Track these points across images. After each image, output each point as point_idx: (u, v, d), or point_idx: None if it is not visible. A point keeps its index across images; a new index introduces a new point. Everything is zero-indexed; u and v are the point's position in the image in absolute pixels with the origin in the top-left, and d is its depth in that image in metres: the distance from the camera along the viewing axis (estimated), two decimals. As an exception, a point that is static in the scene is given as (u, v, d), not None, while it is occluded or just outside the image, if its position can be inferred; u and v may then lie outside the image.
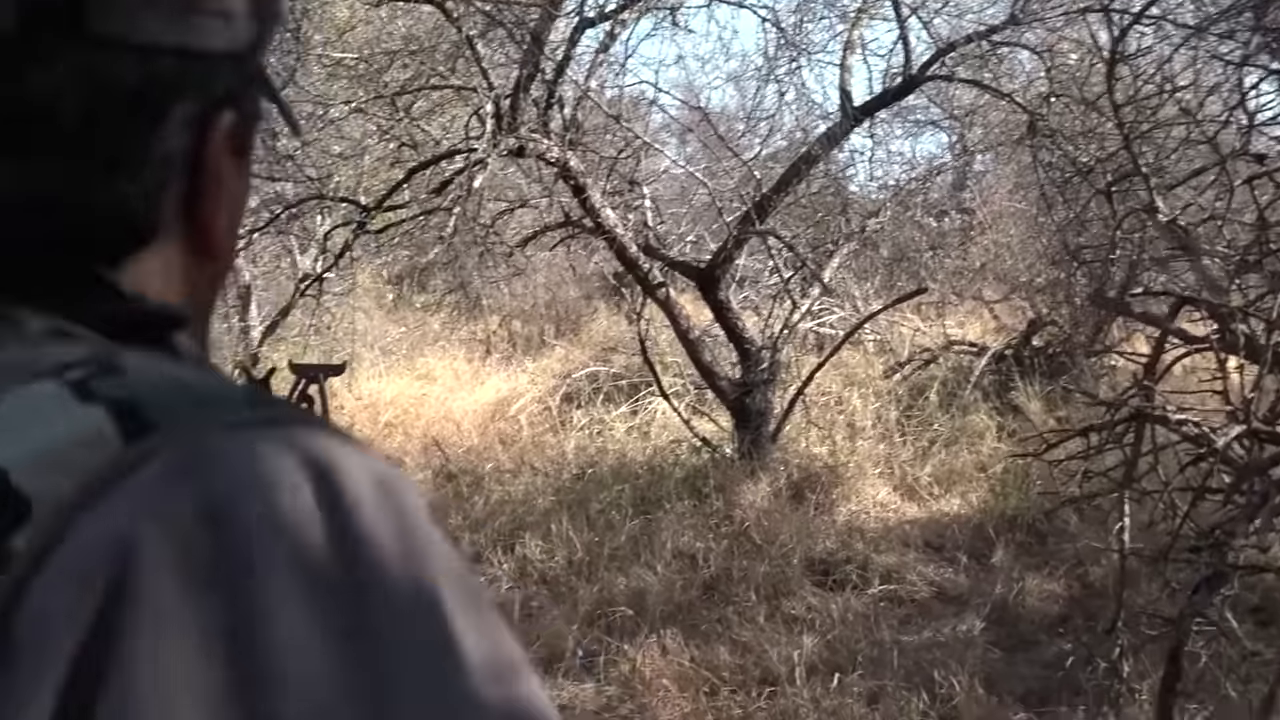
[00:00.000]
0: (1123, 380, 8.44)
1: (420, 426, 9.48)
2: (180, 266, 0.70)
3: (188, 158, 0.68)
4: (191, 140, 0.68)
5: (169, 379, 0.61)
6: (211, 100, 0.69)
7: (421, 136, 7.16)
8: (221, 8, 0.68)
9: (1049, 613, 5.85)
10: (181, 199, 0.69)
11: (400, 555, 0.55)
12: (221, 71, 0.69)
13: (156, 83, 0.65)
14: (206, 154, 0.69)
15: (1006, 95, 7.25)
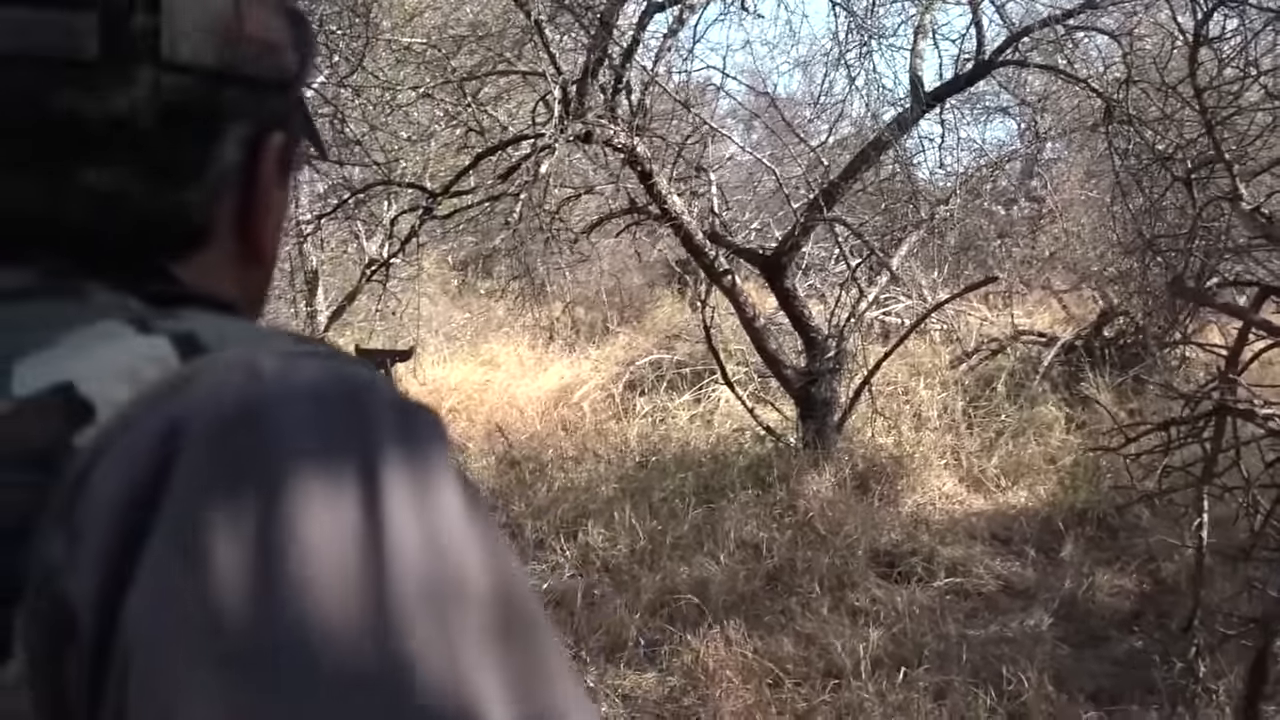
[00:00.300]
0: (1198, 373, 8.29)
1: (484, 413, 9.50)
2: (231, 268, 0.79)
3: (242, 173, 0.78)
4: (245, 157, 0.78)
5: (221, 321, 0.69)
6: (263, 122, 0.79)
7: (488, 122, 7.14)
8: (273, 41, 0.78)
9: (1120, 609, 5.74)
10: (235, 209, 0.78)
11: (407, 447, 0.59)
12: (272, 97, 0.79)
13: (218, 105, 0.75)
14: (259, 170, 0.79)
15: (1082, 81, 7.10)
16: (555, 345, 12.39)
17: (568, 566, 6.27)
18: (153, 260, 0.75)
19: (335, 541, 0.54)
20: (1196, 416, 3.33)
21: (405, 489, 0.57)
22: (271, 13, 0.79)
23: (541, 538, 6.58)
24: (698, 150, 7.75)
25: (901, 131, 7.50)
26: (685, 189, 7.64)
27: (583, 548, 6.42)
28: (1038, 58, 7.54)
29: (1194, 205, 4.47)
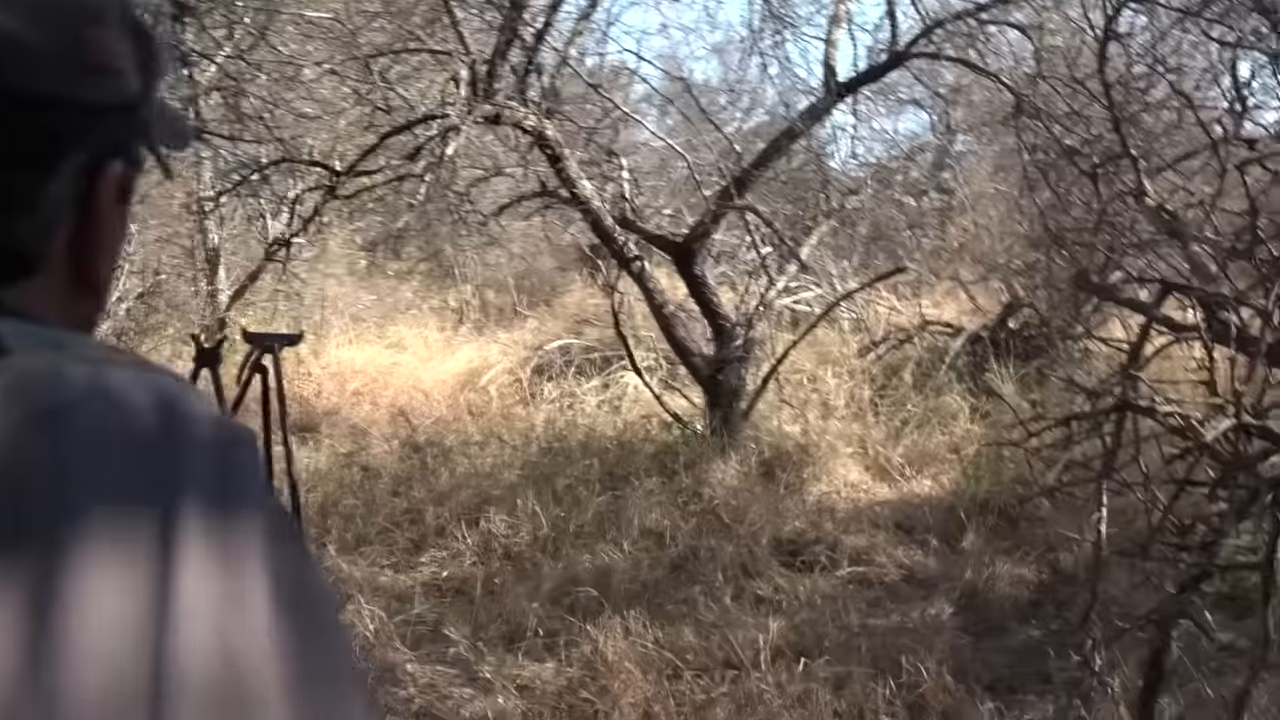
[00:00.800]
0: (1101, 365, 8.40)
1: (388, 396, 9.36)
2: (62, 297, 0.75)
3: (77, 202, 0.74)
4: (82, 187, 0.74)
5: (31, 328, 0.67)
6: (102, 150, 0.75)
7: (396, 101, 6.98)
8: (112, 64, 0.74)
9: (1019, 598, 5.78)
10: (69, 238, 0.75)
11: (215, 488, 0.59)
12: (111, 123, 0.75)
13: (52, 133, 0.71)
14: (95, 200, 0.75)
15: (992, 74, 7.13)
16: (464, 328, 12.25)
17: (469, 554, 6.17)
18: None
19: (118, 629, 0.52)
20: (1098, 412, 3.33)
21: (205, 563, 0.55)
22: (110, 34, 0.74)
23: (443, 524, 6.47)
24: (610, 135, 7.66)
25: (814, 121, 7.48)
26: (597, 173, 7.55)
27: (484, 535, 6.32)
28: (951, 50, 7.56)
29: (1099, 200, 4.48)
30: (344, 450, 7.75)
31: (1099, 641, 3.77)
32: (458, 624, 5.30)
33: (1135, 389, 3.42)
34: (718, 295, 7.76)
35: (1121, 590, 4.66)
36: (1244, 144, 3.94)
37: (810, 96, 7.65)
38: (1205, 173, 4.27)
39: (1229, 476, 2.87)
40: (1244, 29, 4.20)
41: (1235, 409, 2.79)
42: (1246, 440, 3.00)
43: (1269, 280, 3.41)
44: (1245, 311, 3.22)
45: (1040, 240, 7.61)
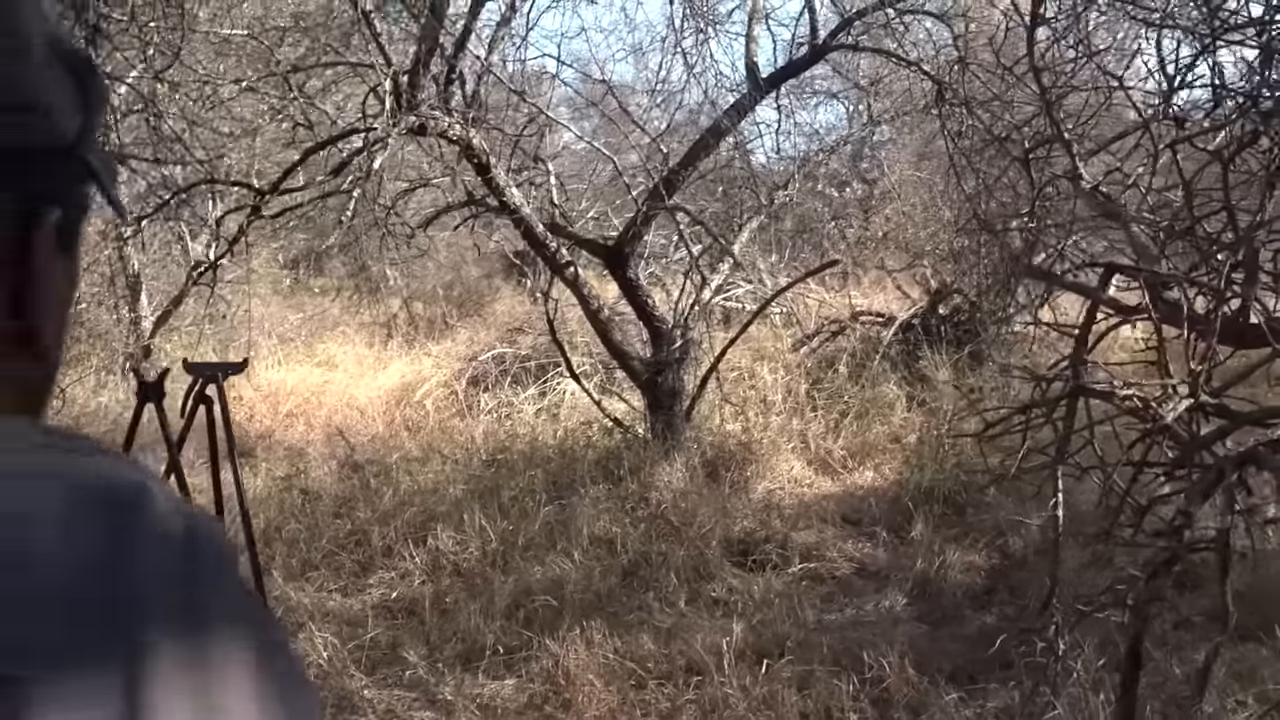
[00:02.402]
0: (1034, 349, 8.49)
1: (323, 415, 9.22)
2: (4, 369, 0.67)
3: (11, 256, 0.66)
4: (14, 239, 0.66)
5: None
6: (32, 198, 0.66)
7: (316, 116, 6.86)
8: (38, 103, 0.66)
9: (972, 586, 5.81)
10: (6, 299, 0.66)
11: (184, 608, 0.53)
12: (42, 168, 0.67)
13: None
14: (31, 253, 0.66)
15: (913, 63, 7.16)
16: (394, 343, 12.11)
17: (418, 573, 6.07)
18: None
19: None
20: (1058, 398, 3.34)
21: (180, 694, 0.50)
22: (37, 69, 0.66)
23: (389, 544, 6.37)
24: (535, 141, 7.60)
25: (740, 118, 7.47)
26: (524, 180, 7.48)
27: (432, 552, 6.23)
28: (869, 41, 7.60)
29: (1032, 185, 4.50)
30: (281, 474, 7.60)
31: (1061, 626, 3.78)
32: (413, 645, 5.21)
33: (1087, 373, 3.43)
34: (652, 297, 7.72)
35: (1080, 575, 4.70)
36: (1173, 123, 3.97)
37: (734, 94, 7.63)
38: (1136, 154, 4.29)
39: (1188, 457, 2.88)
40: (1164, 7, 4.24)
41: (1192, 389, 2.80)
42: (1204, 419, 3.02)
43: (1209, 258, 3.44)
44: (1189, 290, 3.24)
45: (969, 227, 7.66)
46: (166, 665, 0.50)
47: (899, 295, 11.62)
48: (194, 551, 0.56)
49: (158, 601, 0.52)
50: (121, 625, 0.51)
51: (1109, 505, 3.33)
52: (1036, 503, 5.89)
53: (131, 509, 0.55)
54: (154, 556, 0.54)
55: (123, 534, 0.53)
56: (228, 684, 0.52)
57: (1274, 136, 3.21)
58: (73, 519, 0.53)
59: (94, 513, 0.54)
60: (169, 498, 0.58)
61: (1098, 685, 4.02)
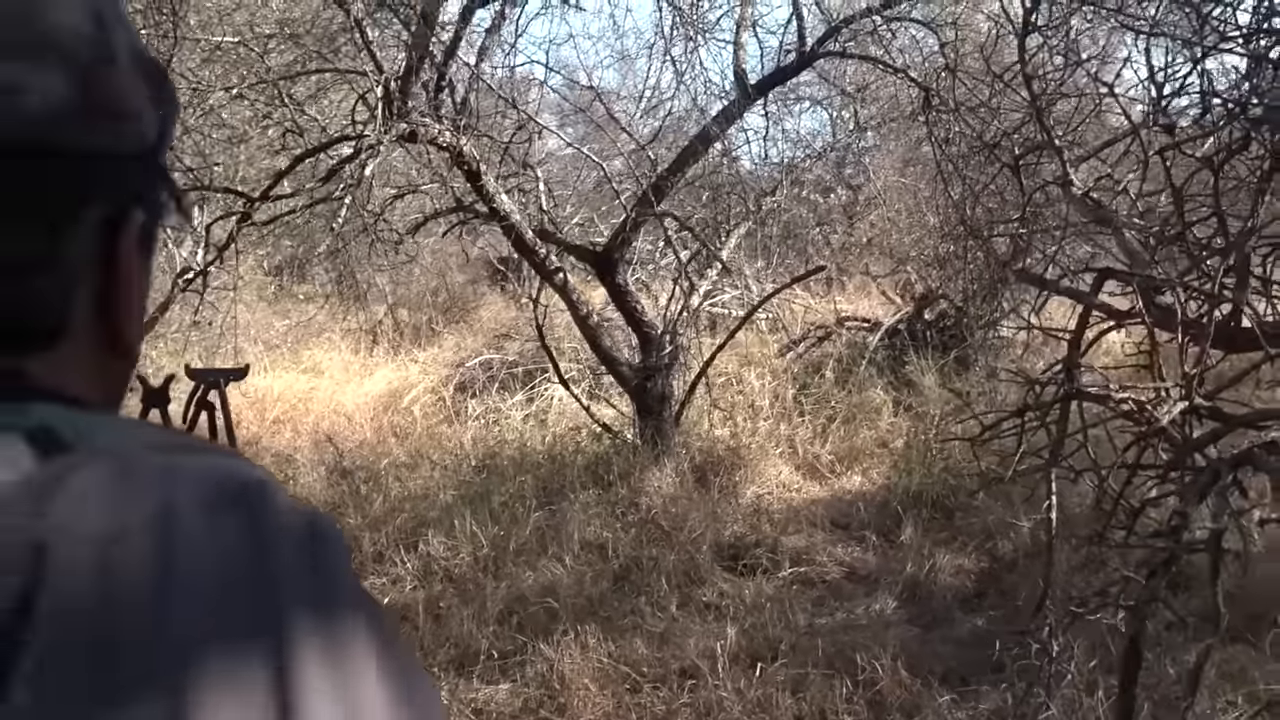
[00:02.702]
0: (1021, 354, 8.54)
1: (310, 422, 9.21)
2: (90, 361, 0.70)
3: (101, 258, 0.69)
4: (104, 241, 0.69)
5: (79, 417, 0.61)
6: (122, 201, 0.70)
7: (305, 123, 6.86)
8: (129, 110, 0.69)
9: (962, 589, 5.85)
10: (93, 297, 0.69)
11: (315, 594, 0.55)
12: (131, 172, 0.71)
13: (66, 186, 0.66)
14: (119, 254, 0.70)
15: (901, 70, 7.21)
16: (379, 349, 12.11)
17: (409, 579, 6.08)
18: None
19: None
20: (1052, 402, 3.37)
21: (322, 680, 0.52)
22: (127, 76, 0.69)
23: (380, 550, 6.37)
24: (524, 147, 7.61)
25: (728, 124, 7.50)
26: (513, 186, 7.50)
27: (424, 558, 6.24)
28: (855, 48, 7.64)
29: (1022, 191, 4.54)
30: (270, 480, 7.59)
31: (1054, 627, 3.81)
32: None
33: (1078, 376, 3.47)
34: (641, 303, 7.74)
35: (1075, 577, 4.74)
36: (1163, 130, 4.01)
37: (722, 100, 7.67)
38: (1126, 160, 4.34)
39: (1182, 459, 2.92)
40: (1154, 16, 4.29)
41: (1187, 391, 2.84)
42: (1197, 422, 3.06)
43: (1200, 264, 3.48)
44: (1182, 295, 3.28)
45: (955, 232, 7.70)
46: (310, 654, 0.52)
47: (883, 301, 11.68)
48: (318, 544, 0.58)
49: (297, 592, 0.54)
50: (267, 615, 0.52)
51: (1102, 508, 3.36)
52: (1025, 506, 5.94)
53: (260, 503, 0.57)
54: (287, 548, 0.56)
55: (257, 527, 0.55)
56: (360, 672, 0.54)
57: (1265, 143, 3.26)
58: (211, 514, 0.54)
59: (228, 507, 0.55)
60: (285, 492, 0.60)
61: (1091, 687, 4.06)
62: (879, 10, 6.93)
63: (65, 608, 0.50)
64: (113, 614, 0.50)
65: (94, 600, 0.50)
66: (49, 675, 0.48)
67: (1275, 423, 2.72)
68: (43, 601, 0.49)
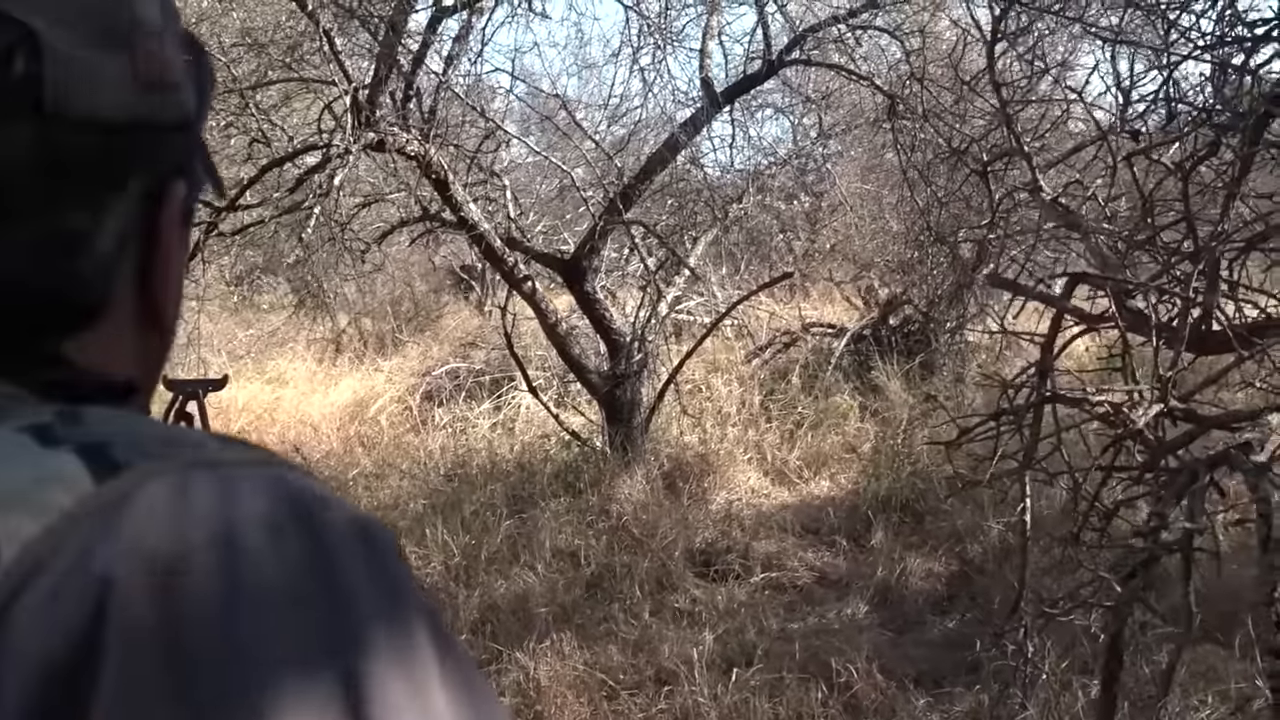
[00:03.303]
0: (986, 358, 8.63)
1: (276, 432, 9.16)
2: (131, 339, 0.69)
3: (142, 231, 0.68)
4: (146, 213, 0.68)
5: (132, 425, 0.60)
6: (164, 172, 0.69)
7: (272, 131, 6.83)
8: (170, 80, 0.68)
9: (933, 592, 5.89)
10: (134, 272, 0.68)
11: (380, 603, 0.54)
12: (172, 143, 0.69)
13: (113, 158, 0.64)
14: (160, 226, 0.69)
15: (866, 78, 7.27)
16: (344, 359, 12.06)
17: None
18: (41, 342, 0.64)
19: None
20: (1029, 405, 3.41)
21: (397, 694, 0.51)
22: (169, 47, 0.68)
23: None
24: (491, 155, 7.61)
25: (696, 132, 7.53)
26: (481, 194, 7.49)
27: (395, 568, 6.20)
28: (820, 56, 7.69)
29: (990, 197, 4.59)
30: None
31: (1029, 629, 3.85)
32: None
33: (1052, 380, 3.51)
34: (609, 311, 7.75)
35: (1036, 577, 4.78)
36: (1129, 136, 4.07)
37: (690, 108, 7.69)
38: (1094, 166, 4.40)
39: (1157, 460, 2.96)
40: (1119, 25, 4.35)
41: (1162, 394, 2.88)
42: (1171, 424, 3.10)
43: (1171, 268, 3.53)
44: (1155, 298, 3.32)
45: (921, 238, 7.77)
46: (383, 668, 0.51)
47: (847, 307, 11.74)
48: (377, 550, 0.57)
49: (364, 604, 0.53)
50: (339, 629, 0.52)
51: (1076, 510, 3.41)
52: (995, 509, 5.99)
53: (319, 513, 0.56)
54: (349, 559, 0.54)
55: (319, 539, 0.54)
56: (429, 680, 0.53)
57: (1234, 149, 3.31)
58: (273, 529, 0.53)
59: (289, 520, 0.54)
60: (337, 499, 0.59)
61: (1066, 686, 4.10)
62: (844, 19, 6.97)
63: (135, 640, 0.48)
64: (183, 640, 0.49)
65: (163, 628, 0.49)
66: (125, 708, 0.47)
67: (1248, 424, 2.76)
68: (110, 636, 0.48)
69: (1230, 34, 3.73)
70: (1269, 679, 2.59)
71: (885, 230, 10.86)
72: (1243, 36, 3.67)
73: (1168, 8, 3.91)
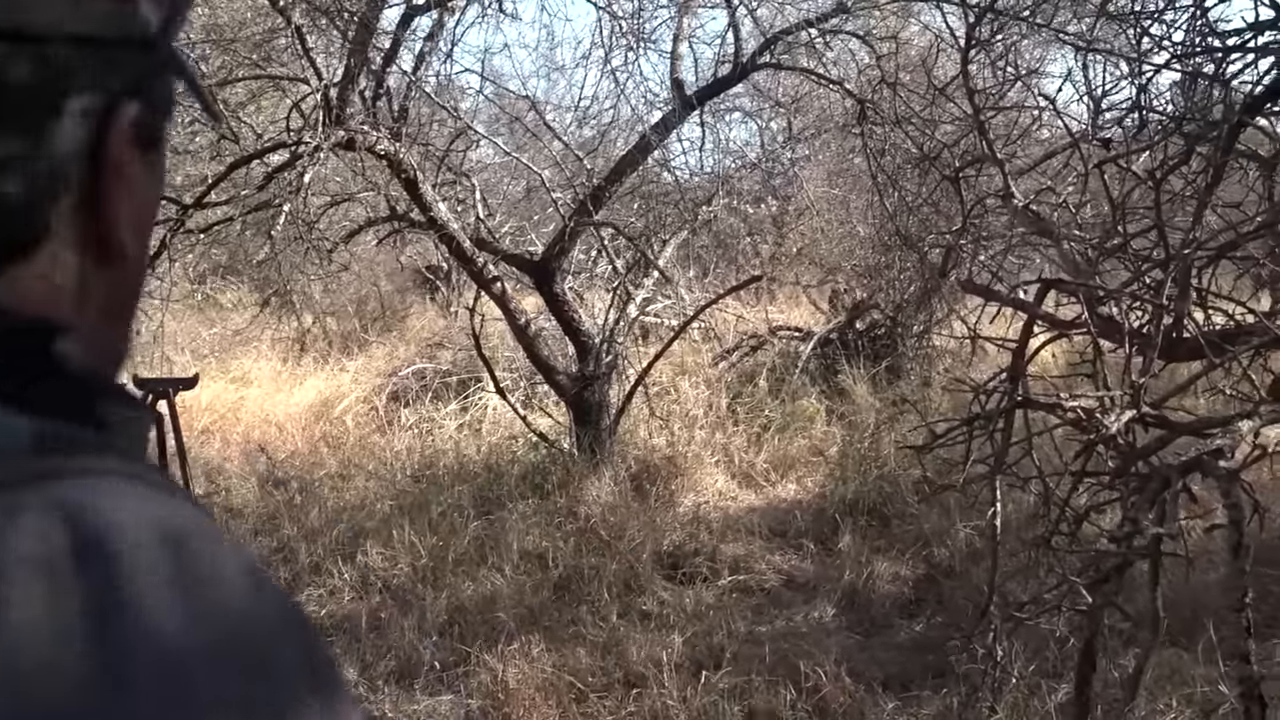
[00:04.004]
0: (952, 363, 8.68)
1: (240, 432, 9.09)
2: (76, 271, 0.63)
3: (86, 154, 0.62)
4: (90, 135, 0.62)
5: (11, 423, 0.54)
6: (113, 91, 0.63)
7: (240, 129, 6.78)
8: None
9: (900, 596, 5.91)
10: (78, 200, 0.62)
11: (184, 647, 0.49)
12: (123, 60, 0.63)
13: (49, 75, 0.59)
14: (107, 149, 0.63)
15: (837, 83, 7.29)
16: (308, 358, 11.98)
17: (347, 590, 6.02)
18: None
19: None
20: (1003, 410, 3.43)
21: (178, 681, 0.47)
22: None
23: (317, 561, 6.31)
24: (460, 156, 7.59)
25: (667, 134, 7.53)
26: (450, 195, 7.47)
27: (362, 569, 6.18)
28: (789, 61, 7.71)
29: (962, 203, 4.61)
30: (200, 492, 7.48)
31: (998, 632, 3.87)
32: (346, 663, 5.17)
33: (1024, 385, 3.53)
34: (578, 312, 7.74)
35: (1001, 581, 4.80)
36: (1100, 144, 4.10)
37: (660, 110, 7.70)
38: (1066, 173, 4.43)
39: (1129, 466, 2.98)
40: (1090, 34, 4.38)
41: (1134, 400, 2.90)
42: (1142, 430, 3.13)
43: (1142, 275, 3.56)
44: (1127, 305, 3.35)
45: (890, 242, 7.80)
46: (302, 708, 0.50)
47: (814, 310, 11.78)
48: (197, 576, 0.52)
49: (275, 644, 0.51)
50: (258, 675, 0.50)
51: (1047, 514, 3.43)
52: (962, 514, 6.02)
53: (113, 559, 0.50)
54: (144, 592, 0.49)
55: (99, 594, 0.49)
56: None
57: (1207, 158, 3.34)
58: (47, 578, 0.48)
59: (68, 549, 0.49)
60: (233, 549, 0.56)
61: (1034, 690, 4.13)
62: (815, 23, 6.99)
63: None
64: None
65: None
66: None
67: (1219, 430, 2.79)
68: None
69: (1201, 43, 3.76)
70: (1238, 684, 2.61)
71: (852, 235, 10.92)
72: (1213, 46, 3.71)
73: (1140, 17, 3.94)
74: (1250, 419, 2.77)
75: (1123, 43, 4.23)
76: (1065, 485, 3.46)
